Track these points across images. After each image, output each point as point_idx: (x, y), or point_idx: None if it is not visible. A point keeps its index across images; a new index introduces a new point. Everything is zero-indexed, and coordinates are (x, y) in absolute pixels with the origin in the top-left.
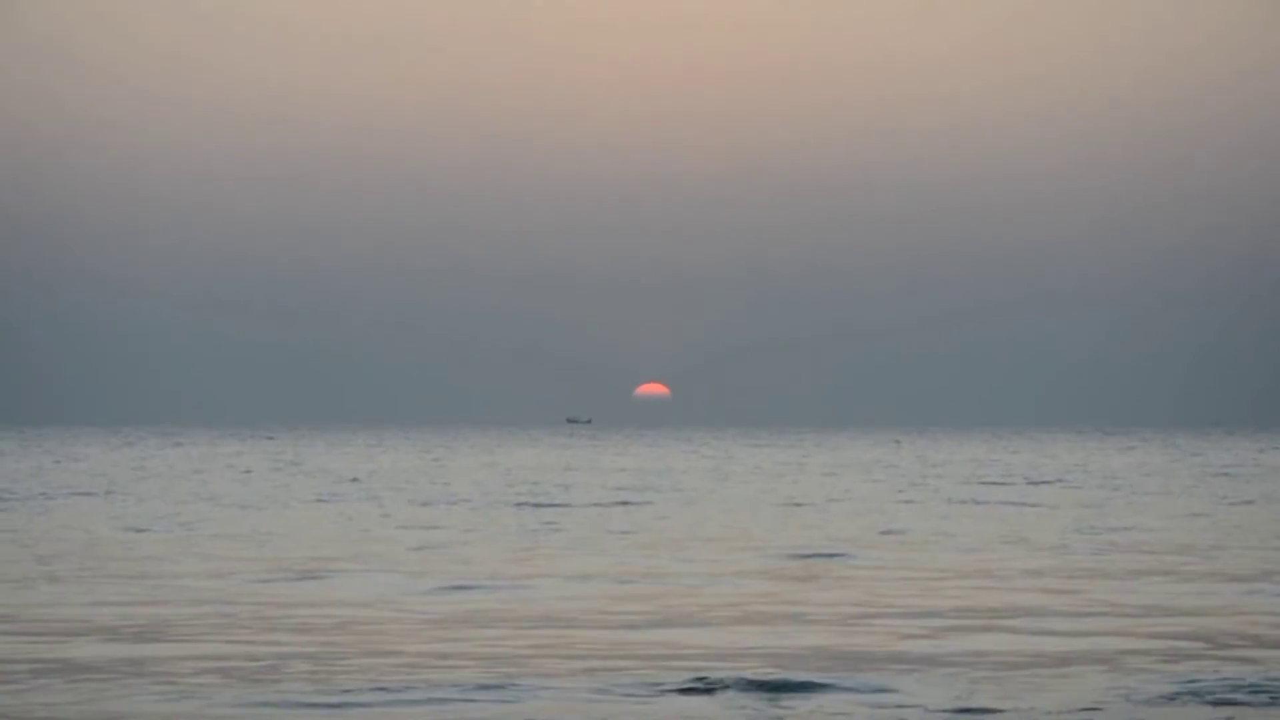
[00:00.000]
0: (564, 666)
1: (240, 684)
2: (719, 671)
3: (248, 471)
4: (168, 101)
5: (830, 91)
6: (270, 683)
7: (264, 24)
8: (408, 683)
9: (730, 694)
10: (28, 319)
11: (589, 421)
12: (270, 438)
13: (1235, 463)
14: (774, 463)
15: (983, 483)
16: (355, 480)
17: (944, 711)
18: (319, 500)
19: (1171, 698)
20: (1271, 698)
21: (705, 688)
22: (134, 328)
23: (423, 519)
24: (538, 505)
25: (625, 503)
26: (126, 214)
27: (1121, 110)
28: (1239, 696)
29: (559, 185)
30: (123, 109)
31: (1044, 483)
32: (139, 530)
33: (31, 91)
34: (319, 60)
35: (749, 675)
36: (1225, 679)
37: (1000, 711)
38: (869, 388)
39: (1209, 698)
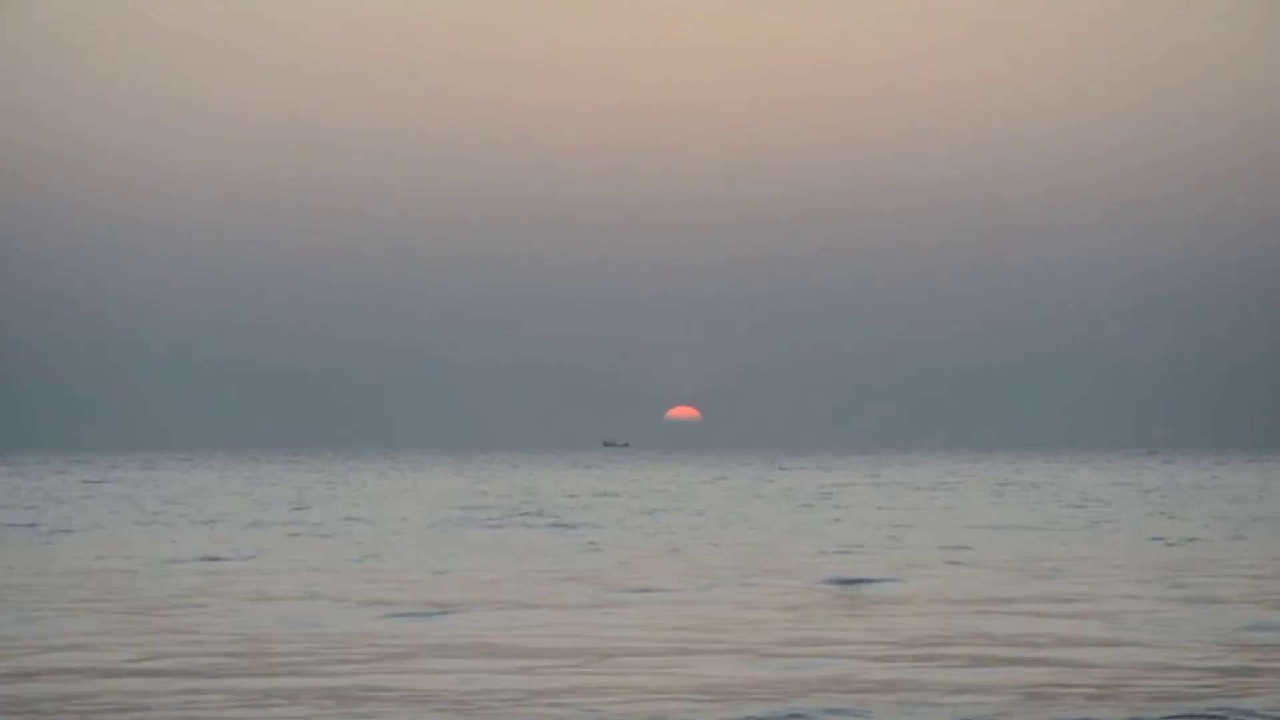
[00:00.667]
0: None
1: None
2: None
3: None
4: (170, 129)
5: (853, 116)
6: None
7: (267, 47)
8: None
9: None
10: (36, 345)
11: (626, 445)
12: (297, 463)
13: None
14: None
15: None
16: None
17: None
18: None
19: None
20: None
21: None
22: (145, 352)
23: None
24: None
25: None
26: (135, 239)
27: (1132, 130)
28: None
29: (582, 210)
30: (128, 134)
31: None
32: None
33: (32, 113)
34: (337, 85)
35: None
36: None
37: None
38: (889, 408)
39: None
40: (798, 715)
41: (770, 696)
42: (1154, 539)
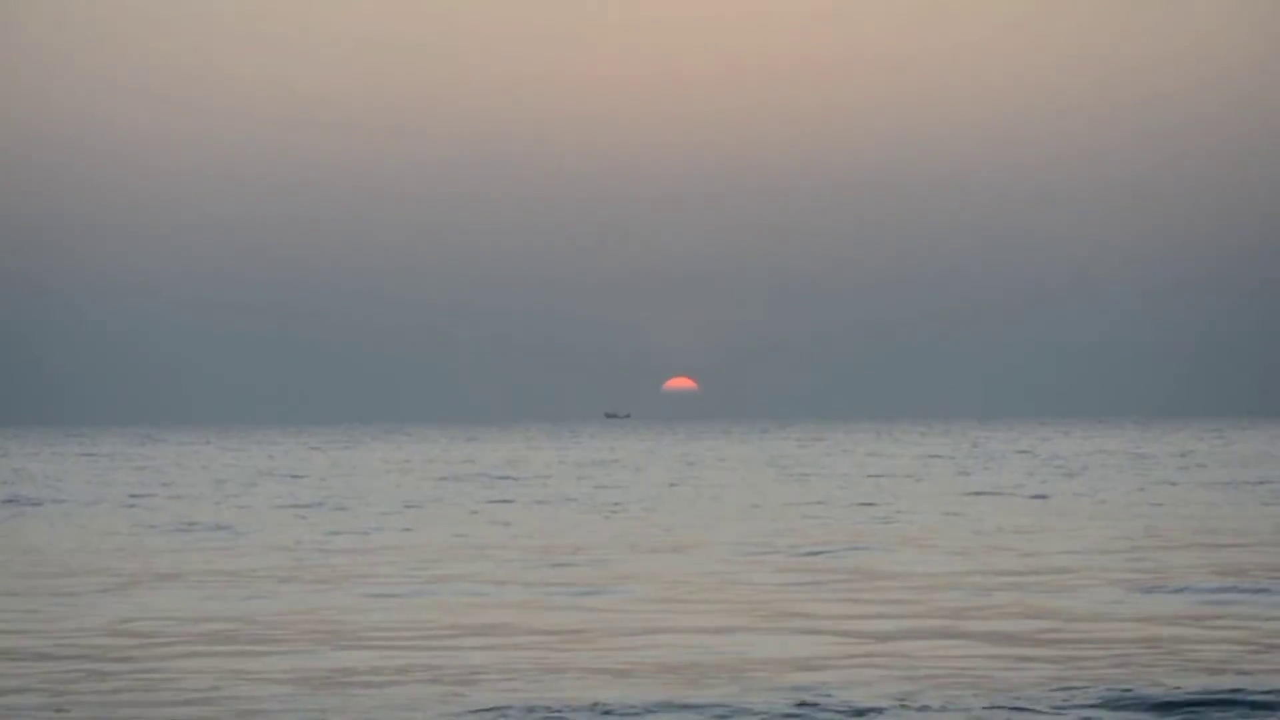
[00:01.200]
0: None
1: None
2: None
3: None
4: (173, 100)
5: (848, 88)
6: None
7: (277, 23)
8: None
9: None
10: (36, 322)
11: (628, 416)
12: (297, 440)
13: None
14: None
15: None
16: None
17: None
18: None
19: None
20: None
21: None
22: (146, 330)
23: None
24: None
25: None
26: (134, 216)
27: (1129, 101)
28: None
29: (578, 183)
30: (129, 110)
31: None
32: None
33: (43, 96)
34: (331, 60)
35: None
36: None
37: None
38: (886, 380)
39: None
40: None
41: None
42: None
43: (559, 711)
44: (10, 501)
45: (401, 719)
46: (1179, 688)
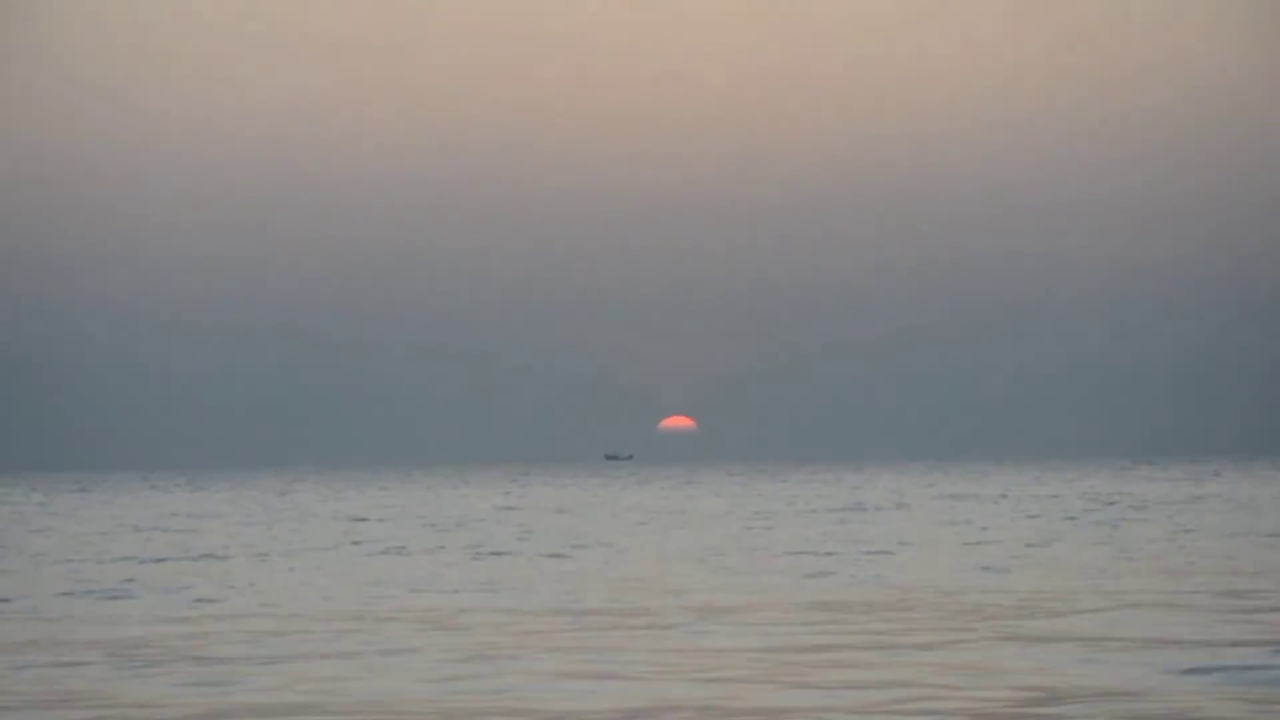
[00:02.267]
0: None
1: None
2: None
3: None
4: (180, 117)
5: (857, 101)
6: None
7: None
8: None
9: None
10: (55, 359)
11: (630, 458)
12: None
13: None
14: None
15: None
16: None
17: None
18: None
19: None
20: None
21: None
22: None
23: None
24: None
25: None
26: (142, 237)
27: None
28: None
29: (560, 205)
30: (149, 130)
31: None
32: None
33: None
34: (310, 67)
35: None
36: None
37: None
38: (879, 413)
39: None
40: None
41: None
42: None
43: None
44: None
45: None
46: None
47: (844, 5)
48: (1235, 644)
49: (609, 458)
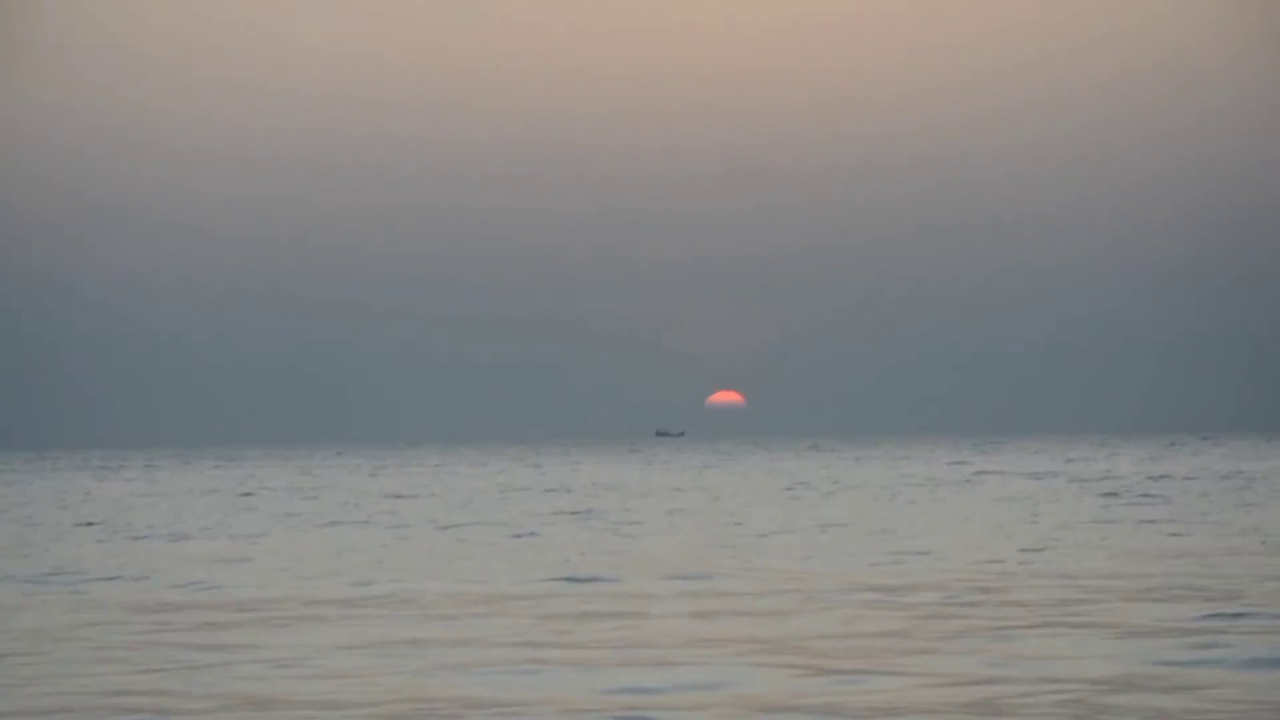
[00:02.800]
0: None
1: None
2: None
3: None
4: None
5: (882, 86)
6: None
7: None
8: None
9: None
10: (67, 334)
11: (682, 434)
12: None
13: None
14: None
15: None
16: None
17: None
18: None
19: None
20: None
21: None
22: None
23: None
24: None
25: None
26: (131, 219)
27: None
28: None
29: (614, 178)
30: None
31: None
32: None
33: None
34: (334, 38)
35: None
36: None
37: None
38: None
39: None
40: None
41: None
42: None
43: None
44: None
45: None
46: None
47: None
48: None
49: (660, 434)
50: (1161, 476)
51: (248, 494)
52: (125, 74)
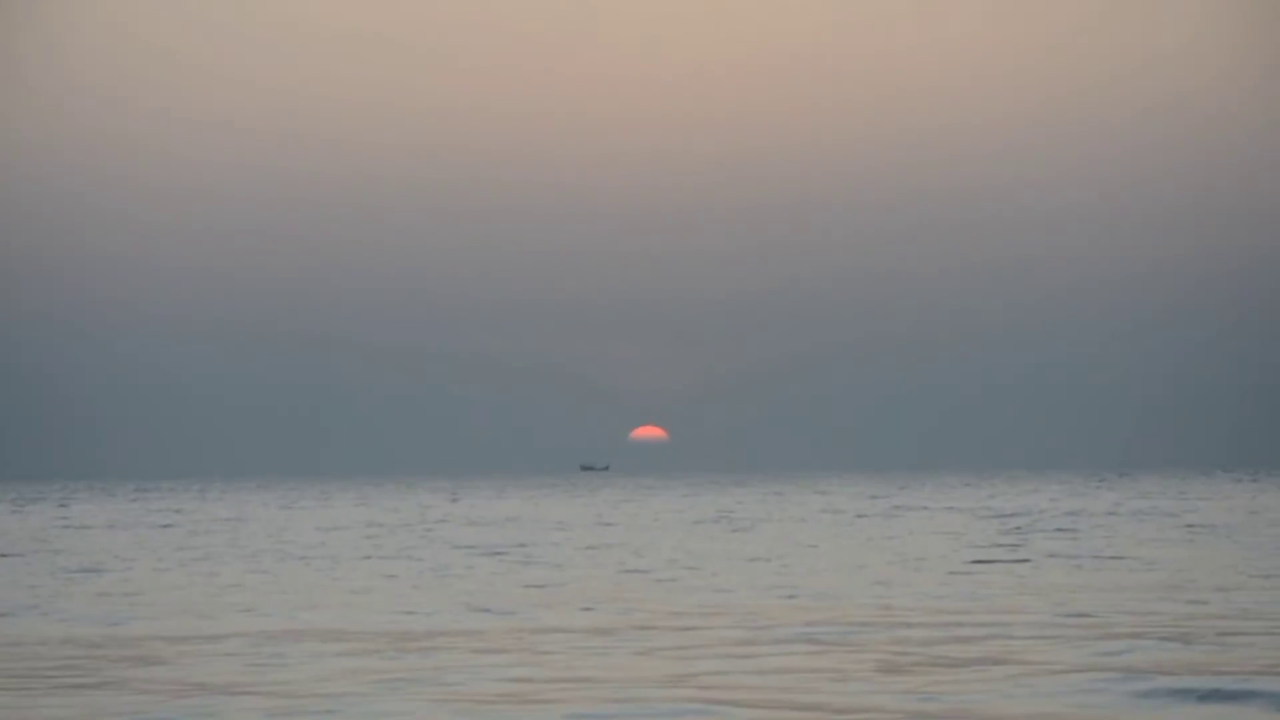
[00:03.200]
0: None
1: None
2: None
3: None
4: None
5: (827, 101)
6: None
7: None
8: None
9: None
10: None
11: (606, 468)
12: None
13: None
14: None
15: None
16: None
17: None
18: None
19: None
20: None
21: None
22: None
23: None
24: None
25: None
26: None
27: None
28: None
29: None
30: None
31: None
32: None
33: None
34: (309, 61)
35: None
36: None
37: None
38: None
39: None
40: None
41: None
42: None
43: None
44: None
45: None
46: None
47: (831, 5)
48: None
49: (584, 469)
50: (1076, 512)
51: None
52: (111, 111)
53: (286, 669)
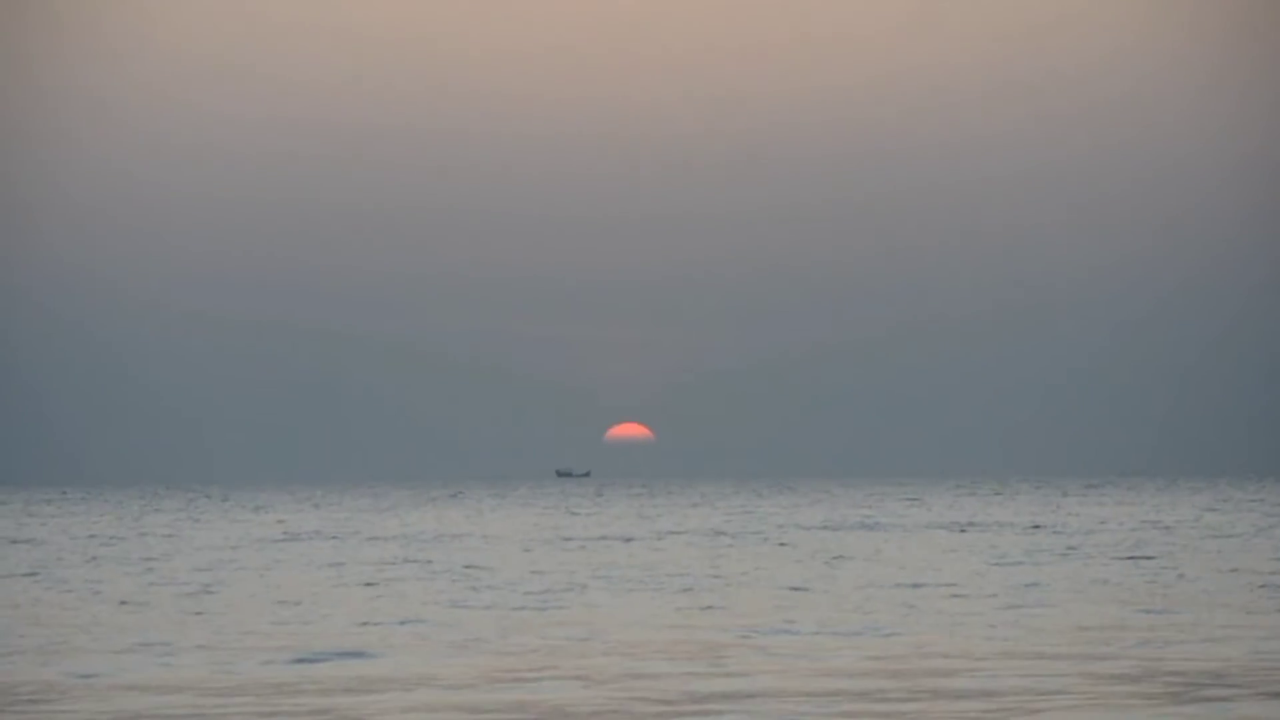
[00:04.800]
0: None
1: None
2: None
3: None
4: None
5: (815, 87)
6: None
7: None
8: None
9: None
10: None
11: (587, 474)
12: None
13: None
14: None
15: None
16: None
17: None
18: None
19: None
20: None
21: None
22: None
23: None
24: None
25: None
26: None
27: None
28: None
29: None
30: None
31: None
32: None
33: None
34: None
35: None
36: None
37: None
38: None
39: None
40: None
41: None
42: None
43: None
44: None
45: None
46: None
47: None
48: None
49: (560, 474)
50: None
51: None
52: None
53: None
